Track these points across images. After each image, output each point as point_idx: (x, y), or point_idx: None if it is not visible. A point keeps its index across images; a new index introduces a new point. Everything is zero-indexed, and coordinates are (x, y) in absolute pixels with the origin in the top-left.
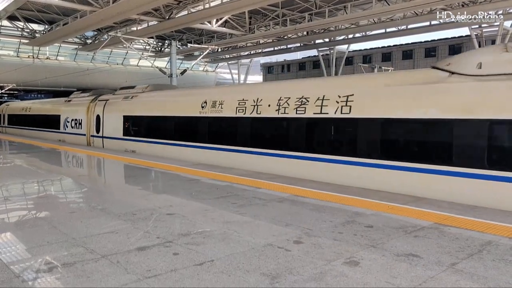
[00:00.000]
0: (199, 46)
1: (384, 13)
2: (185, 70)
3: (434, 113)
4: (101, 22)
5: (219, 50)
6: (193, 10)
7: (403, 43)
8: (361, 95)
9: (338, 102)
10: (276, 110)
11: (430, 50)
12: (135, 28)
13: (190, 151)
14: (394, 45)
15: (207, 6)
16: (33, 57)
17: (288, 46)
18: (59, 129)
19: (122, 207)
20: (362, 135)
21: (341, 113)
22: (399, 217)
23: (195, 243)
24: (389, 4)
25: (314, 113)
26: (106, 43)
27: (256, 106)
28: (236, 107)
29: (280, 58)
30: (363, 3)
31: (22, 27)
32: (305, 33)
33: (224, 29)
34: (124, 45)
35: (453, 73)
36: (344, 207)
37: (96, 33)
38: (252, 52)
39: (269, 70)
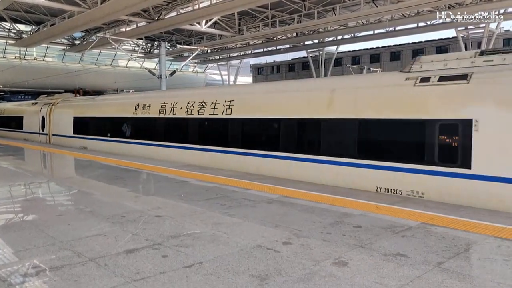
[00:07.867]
0: (189, 47)
1: (373, 14)
2: (174, 71)
3: None
4: (89, 23)
5: (209, 51)
6: (182, 11)
7: (391, 44)
8: None
9: None
10: None
11: (418, 51)
12: (124, 29)
13: None
14: (382, 47)
15: (196, 7)
16: (20, 58)
17: (278, 47)
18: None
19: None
20: None
21: None
22: (387, 217)
23: (184, 245)
24: (377, 6)
25: None
26: (95, 44)
27: None
28: None
29: (269, 59)
30: (351, 4)
31: (8, 27)
32: (294, 34)
33: (213, 30)
34: (113, 46)
35: None
36: (333, 208)
37: (84, 34)
38: (241, 53)
39: (258, 71)
